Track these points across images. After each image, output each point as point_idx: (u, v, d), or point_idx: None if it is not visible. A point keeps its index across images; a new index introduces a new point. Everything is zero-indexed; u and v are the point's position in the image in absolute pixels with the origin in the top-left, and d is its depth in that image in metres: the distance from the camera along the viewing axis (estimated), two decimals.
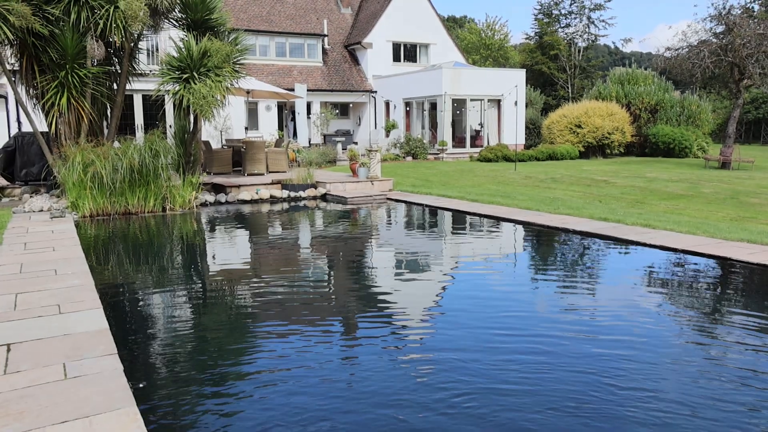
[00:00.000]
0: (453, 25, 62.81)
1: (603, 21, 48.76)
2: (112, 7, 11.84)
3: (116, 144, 12.70)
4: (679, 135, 27.86)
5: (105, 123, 13.90)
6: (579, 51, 47.34)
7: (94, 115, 12.90)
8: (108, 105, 13.65)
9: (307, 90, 25.71)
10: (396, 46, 31.76)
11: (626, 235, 8.71)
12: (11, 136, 16.39)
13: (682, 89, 36.31)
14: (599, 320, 5.63)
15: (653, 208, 12.17)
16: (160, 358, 4.81)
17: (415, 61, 32.25)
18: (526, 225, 10.24)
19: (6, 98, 23.06)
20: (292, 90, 24.29)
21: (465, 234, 10.62)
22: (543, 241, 9.54)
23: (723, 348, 4.97)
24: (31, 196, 13.07)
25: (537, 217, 10.47)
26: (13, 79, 12.84)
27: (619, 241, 8.64)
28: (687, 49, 24.39)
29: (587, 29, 48.33)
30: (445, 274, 7.71)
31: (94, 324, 4.90)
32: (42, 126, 13.27)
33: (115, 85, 13.69)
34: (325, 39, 31.31)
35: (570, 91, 45.24)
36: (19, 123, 21.84)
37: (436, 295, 6.68)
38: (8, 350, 4.35)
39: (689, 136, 28.13)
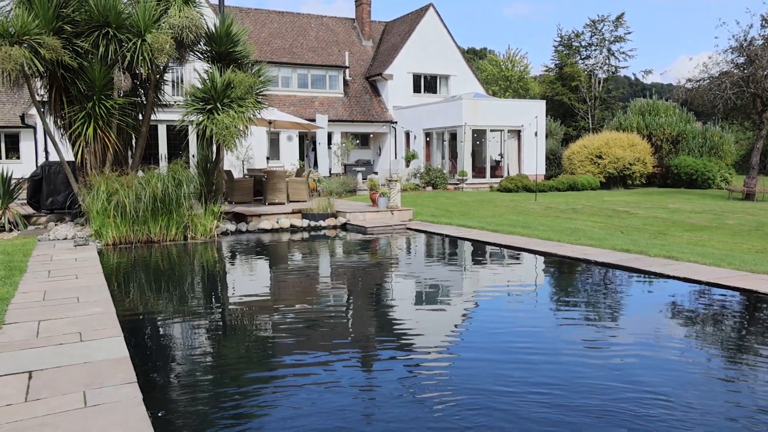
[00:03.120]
0: (473, 56, 63.33)
1: (623, 53, 48.58)
2: (140, 41, 12.14)
3: (140, 173, 12.90)
4: (701, 166, 27.61)
5: (130, 152, 14.15)
6: (599, 82, 47.40)
7: (119, 144, 13.14)
8: (133, 135, 13.90)
9: (328, 120, 25.99)
10: (416, 78, 32.08)
11: (649, 266, 8.59)
12: (38, 165, 16.74)
13: (703, 120, 36.06)
14: (623, 353, 5.53)
15: (676, 240, 12.01)
16: (180, 387, 4.80)
17: (436, 92, 32.51)
18: (546, 256, 10.15)
19: (35, 128, 23.64)
20: (314, 120, 24.57)
21: (485, 265, 10.55)
22: (564, 272, 9.43)
23: (751, 380, 4.84)
24: (56, 224, 13.27)
25: (558, 248, 10.37)
26: (42, 109, 13.16)
27: (642, 273, 8.51)
28: (708, 81, 24.29)
29: (608, 61, 48.46)
30: (465, 305, 7.64)
31: (115, 352, 4.92)
32: (68, 155, 13.55)
33: (140, 115, 13.96)
34: (347, 70, 31.73)
35: (590, 121, 45.20)
36: (47, 152, 22.33)
37: (457, 326, 6.62)
38: (30, 377, 4.38)
39: (712, 167, 27.87)
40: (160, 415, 4.12)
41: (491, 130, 27.68)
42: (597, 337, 6.12)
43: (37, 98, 12.96)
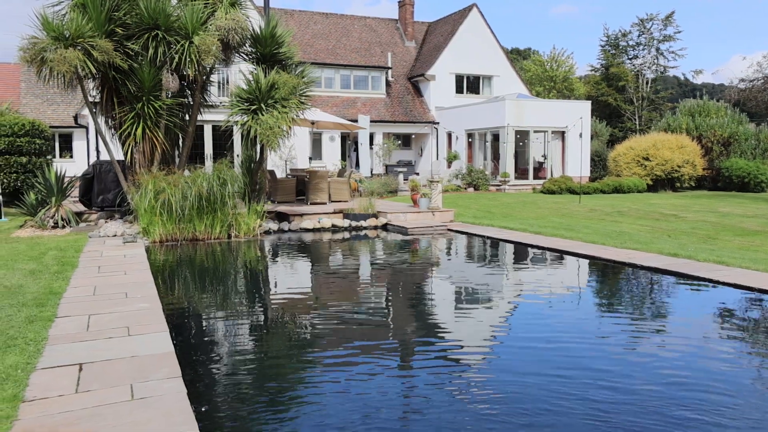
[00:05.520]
0: (517, 57, 62.68)
1: (673, 52, 47.25)
2: (188, 43, 12.41)
3: (186, 172, 13.18)
4: (754, 168, 26.73)
5: (177, 152, 14.48)
6: (647, 82, 46.29)
7: (167, 144, 13.46)
8: (180, 135, 14.22)
9: (371, 121, 26.08)
10: (459, 78, 31.93)
11: (698, 271, 8.35)
12: (90, 164, 17.26)
13: (757, 121, 34.85)
14: (671, 362, 5.40)
15: (726, 245, 11.65)
16: (223, 382, 4.89)
17: (478, 93, 32.30)
18: (591, 259, 9.96)
19: (87, 128, 24.39)
20: (356, 121, 24.69)
21: (526, 267, 10.43)
22: (609, 276, 9.26)
23: None
24: (106, 222, 13.67)
25: (602, 251, 10.19)
26: (94, 110, 13.57)
27: (691, 278, 8.28)
28: (763, 80, 23.52)
29: (656, 60, 47.27)
30: (508, 308, 7.57)
31: (161, 347, 5.04)
32: (118, 154, 13.93)
33: (187, 116, 14.26)
34: (389, 71, 31.79)
35: (637, 122, 44.22)
36: (98, 151, 23.01)
37: (499, 329, 6.56)
38: (80, 370, 4.53)
39: (766, 170, 26.95)
40: (203, 409, 4.20)
41: (534, 131, 27.34)
42: (644, 343, 5.98)
43: (90, 99, 13.36)
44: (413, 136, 32.55)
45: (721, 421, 4.11)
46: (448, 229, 13.74)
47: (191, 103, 14.20)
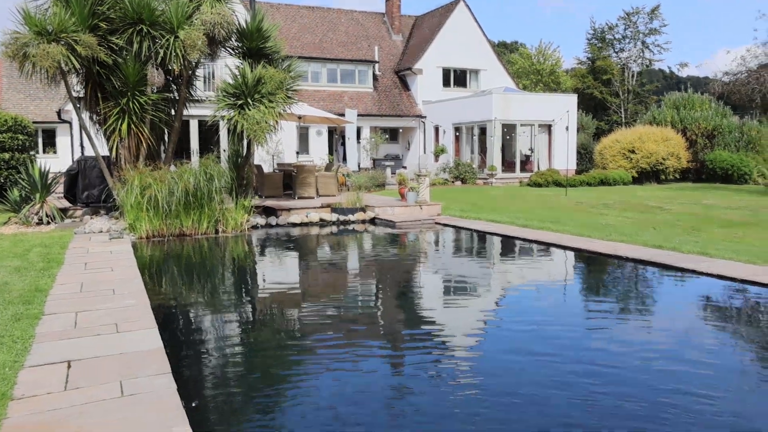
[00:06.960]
0: (503, 50, 62.72)
1: (658, 46, 47.54)
2: (173, 37, 12.32)
3: (173, 168, 13.11)
4: (737, 161, 27.00)
5: (162, 147, 14.38)
6: (633, 76, 46.57)
7: (153, 139, 13.36)
8: (166, 130, 14.13)
9: (358, 115, 26.03)
10: (446, 72, 31.93)
11: (682, 263, 8.45)
12: (74, 159, 17.10)
13: (741, 114, 35.16)
14: (655, 353, 5.47)
15: (710, 236, 11.78)
16: (213, 378, 4.90)
17: (465, 87, 32.33)
18: (576, 251, 10.06)
19: (71, 123, 24.17)
20: (343, 115, 24.64)
21: (514, 260, 10.50)
22: (594, 268, 9.35)
23: None
24: (91, 218, 13.56)
25: (588, 243, 10.27)
26: (78, 105, 13.44)
27: (675, 269, 8.38)
28: (746, 74, 23.73)
29: (642, 54, 47.55)
30: (495, 301, 7.62)
31: (149, 343, 5.04)
32: (103, 150, 13.83)
33: (173, 111, 14.17)
34: (376, 65, 31.73)
35: (623, 116, 44.49)
36: (82, 147, 22.82)
37: (485, 321, 6.61)
38: (69, 367, 4.51)
39: (749, 162, 27.23)
40: (193, 405, 4.21)
41: (521, 125, 27.44)
42: (629, 331, 6.06)
43: (74, 94, 13.24)
44: (400, 130, 32.55)
45: (702, 401, 4.19)
46: (436, 223, 13.79)
47: (177, 98, 14.11)
